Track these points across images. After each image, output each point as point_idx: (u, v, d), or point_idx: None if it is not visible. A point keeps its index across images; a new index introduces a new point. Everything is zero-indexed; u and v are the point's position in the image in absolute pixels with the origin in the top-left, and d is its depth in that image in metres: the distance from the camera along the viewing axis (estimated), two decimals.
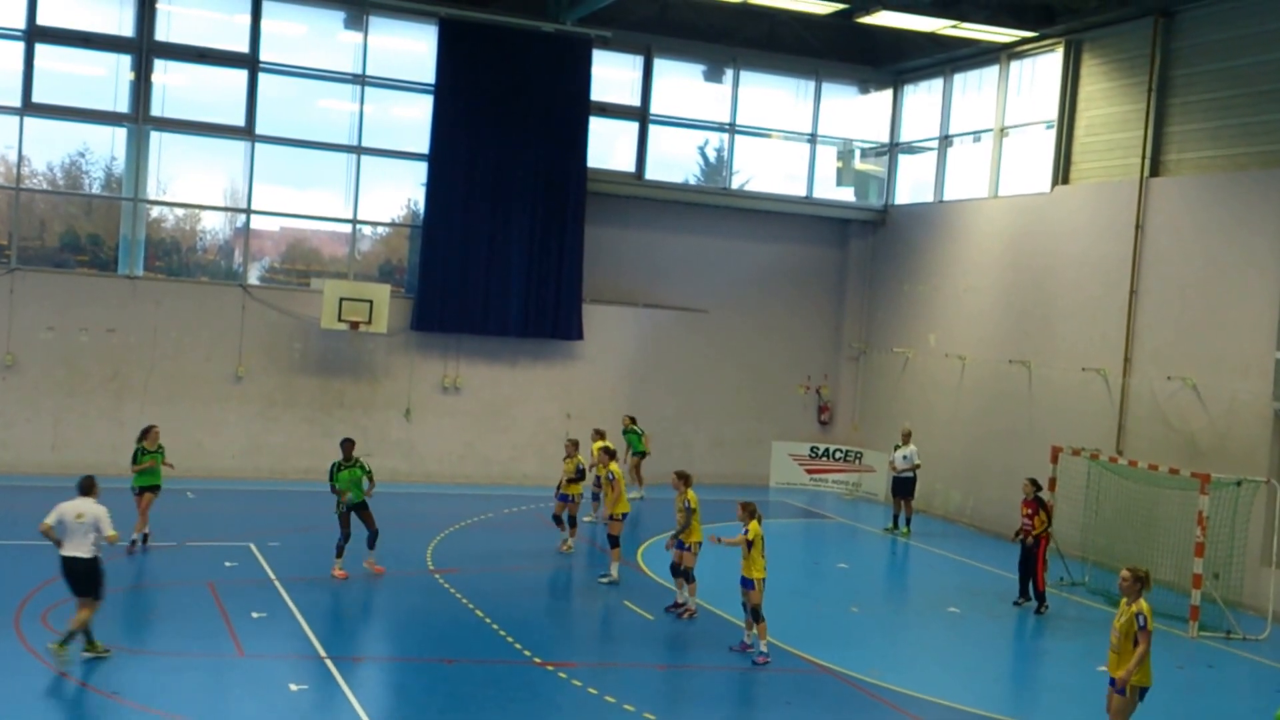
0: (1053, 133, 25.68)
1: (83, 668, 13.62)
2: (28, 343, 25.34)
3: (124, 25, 26.15)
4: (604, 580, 19.09)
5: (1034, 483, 19.73)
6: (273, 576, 18.29)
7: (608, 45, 28.94)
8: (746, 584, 15.48)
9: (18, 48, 25.42)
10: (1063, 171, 25.46)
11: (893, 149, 31.48)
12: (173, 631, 15.30)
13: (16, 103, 25.42)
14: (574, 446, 21.59)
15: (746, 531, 15.42)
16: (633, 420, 27.46)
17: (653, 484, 26.52)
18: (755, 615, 15.52)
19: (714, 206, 30.52)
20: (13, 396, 25.24)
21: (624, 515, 19.49)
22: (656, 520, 23.88)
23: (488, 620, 16.66)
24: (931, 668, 16.34)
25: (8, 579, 16.83)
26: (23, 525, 16.84)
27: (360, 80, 27.65)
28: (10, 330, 25.18)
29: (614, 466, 20.06)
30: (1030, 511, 19.45)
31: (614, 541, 19.34)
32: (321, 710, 13.07)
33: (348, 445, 18.84)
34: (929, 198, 29.97)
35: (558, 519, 21.47)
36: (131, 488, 19.35)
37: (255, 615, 16.21)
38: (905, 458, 25.49)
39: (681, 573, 17.46)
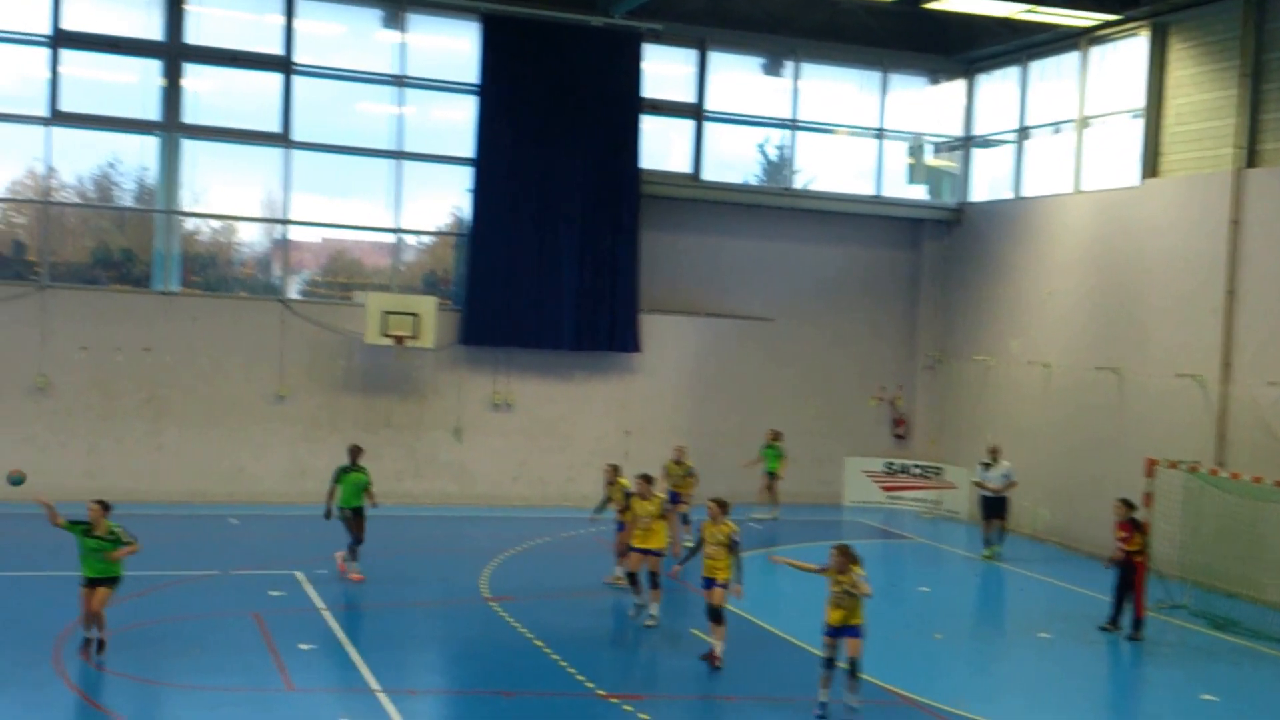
0: (1139, 123, 25.47)
1: (128, 704, 13.78)
2: (60, 364, 25.72)
3: (152, 28, 26.49)
4: (649, 624, 18.16)
5: (1126, 503, 19.46)
6: (321, 605, 18.45)
7: (659, 39, 28.99)
8: (849, 632, 14.58)
9: (43, 54, 25.80)
10: (1151, 163, 25.24)
11: (966, 143, 31.33)
12: (218, 665, 15.41)
13: (44, 112, 25.80)
14: (614, 472, 20.76)
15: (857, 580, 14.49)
16: (776, 435, 27.46)
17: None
18: (854, 669, 14.67)
19: (776, 208, 30.48)
20: (46, 420, 25.63)
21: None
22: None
23: (547, 650, 16.68)
24: (1021, 698, 16.21)
25: (44, 610, 17.05)
26: (59, 555, 17.07)
27: (400, 82, 27.87)
28: (42, 351, 25.59)
29: (661, 495, 19.06)
30: (1126, 534, 19.20)
31: (654, 580, 18.35)
32: None
33: (355, 451, 20.43)
34: (1007, 194, 29.80)
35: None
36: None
37: (304, 647, 16.34)
38: (1004, 475, 25.17)
39: (716, 615, 16.31)
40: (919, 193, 31.91)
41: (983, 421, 29.13)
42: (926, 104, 31.67)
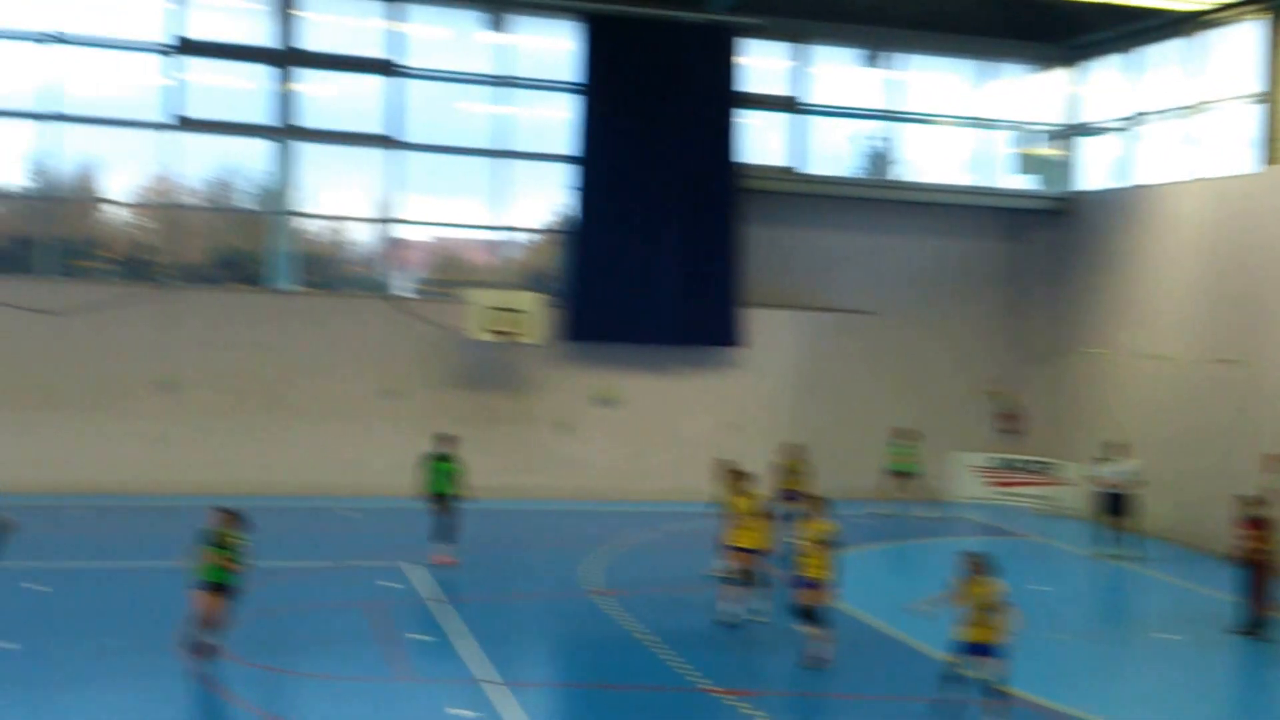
0: (1256, 108, 24.87)
1: (246, 690, 14.09)
2: (183, 362, 26.43)
3: (268, 36, 27.13)
4: (759, 618, 17.99)
5: (1246, 499, 19.00)
6: (429, 597, 18.72)
7: (758, 33, 28.93)
8: (986, 651, 13.56)
9: (166, 62, 26.55)
10: (1273, 149, 24.57)
11: (1073, 132, 30.81)
12: (331, 654, 15.75)
13: (167, 118, 26.58)
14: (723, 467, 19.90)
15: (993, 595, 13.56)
16: (907, 433, 27.51)
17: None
18: (990, 693, 13.66)
19: (877, 200, 30.28)
20: (170, 416, 26.32)
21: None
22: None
23: (654, 644, 16.74)
24: (1145, 700, 15.90)
25: (175, 600, 17.45)
26: (186, 547, 17.45)
27: (503, 82, 28.14)
28: (166, 349, 26.33)
29: (758, 492, 18.65)
30: (1247, 531, 18.70)
31: (749, 578, 18.03)
32: None
33: (447, 440, 21.02)
34: (1116, 183, 29.25)
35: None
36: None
37: (414, 638, 16.60)
38: (1127, 473, 24.58)
39: (809, 615, 16.02)
40: (1024, 183, 31.45)
41: (1094, 416, 28.61)
42: (1031, 92, 31.22)
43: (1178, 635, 18.89)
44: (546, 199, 29.30)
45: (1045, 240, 30.99)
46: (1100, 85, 30.15)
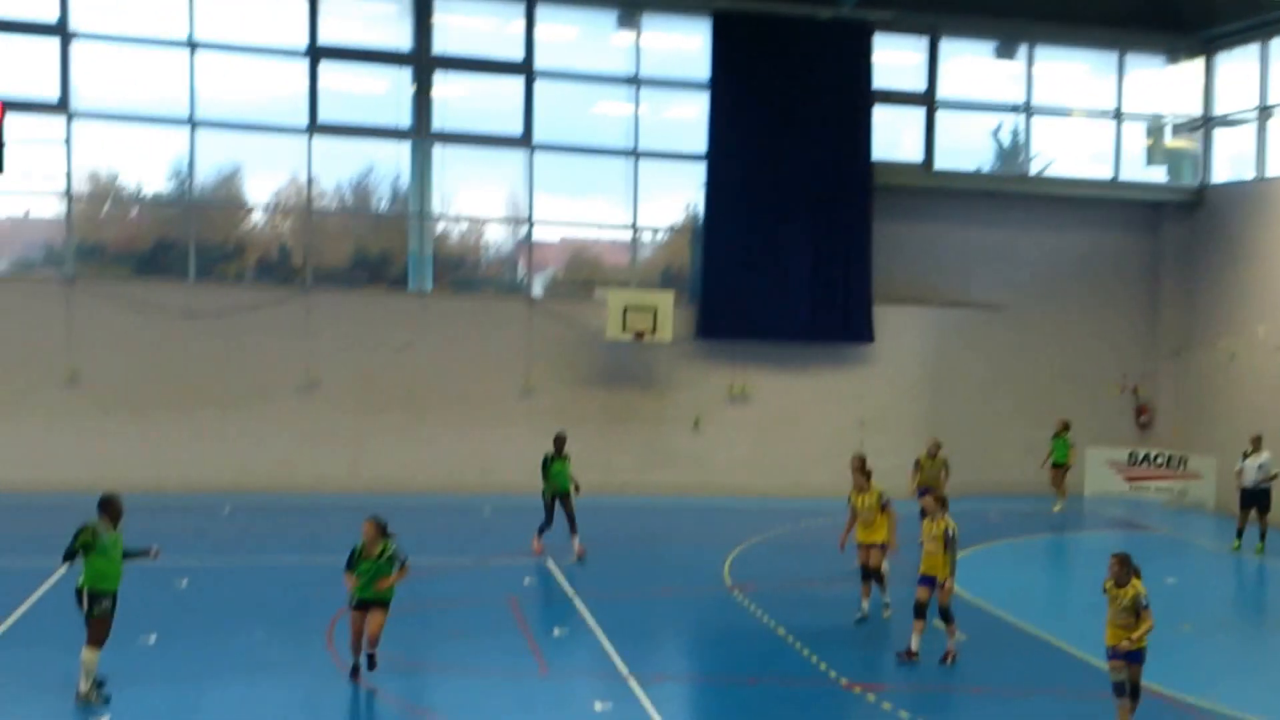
0: None
1: (395, 683, 14.51)
2: (326, 363, 27.06)
3: (402, 39, 27.61)
4: (858, 616, 17.98)
5: None
6: (572, 592, 19.09)
7: (889, 28, 28.84)
8: (1131, 657, 13.20)
9: (302, 67, 27.07)
10: None
11: (1206, 123, 30.23)
12: (478, 648, 16.11)
13: (305, 122, 27.16)
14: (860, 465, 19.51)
15: (1140, 598, 13.06)
16: (1066, 426, 27.38)
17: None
18: (1130, 690, 13.28)
19: (1010, 195, 30.05)
20: (313, 416, 27.00)
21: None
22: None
23: (790, 638, 16.93)
24: (1267, 689, 15.70)
25: (319, 595, 18.10)
26: (329, 543, 18.04)
27: (635, 82, 28.40)
28: (309, 349, 26.99)
29: (880, 488, 18.36)
30: None
31: (877, 574, 18.11)
32: None
33: (560, 440, 21.60)
34: (1250, 174, 28.65)
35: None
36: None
37: (556, 632, 16.98)
38: (1261, 467, 24.16)
39: (940, 614, 15.99)
40: (1158, 175, 30.95)
41: (1228, 409, 28.11)
42: (1164, 84, 30.70)
43: None
44: (679, 197, 29.56)
45: (1178, 233, 30.49)
46: (1233, 76, 29.52)
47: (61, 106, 25.99)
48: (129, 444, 26.02)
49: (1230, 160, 29.90)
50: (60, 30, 25.96)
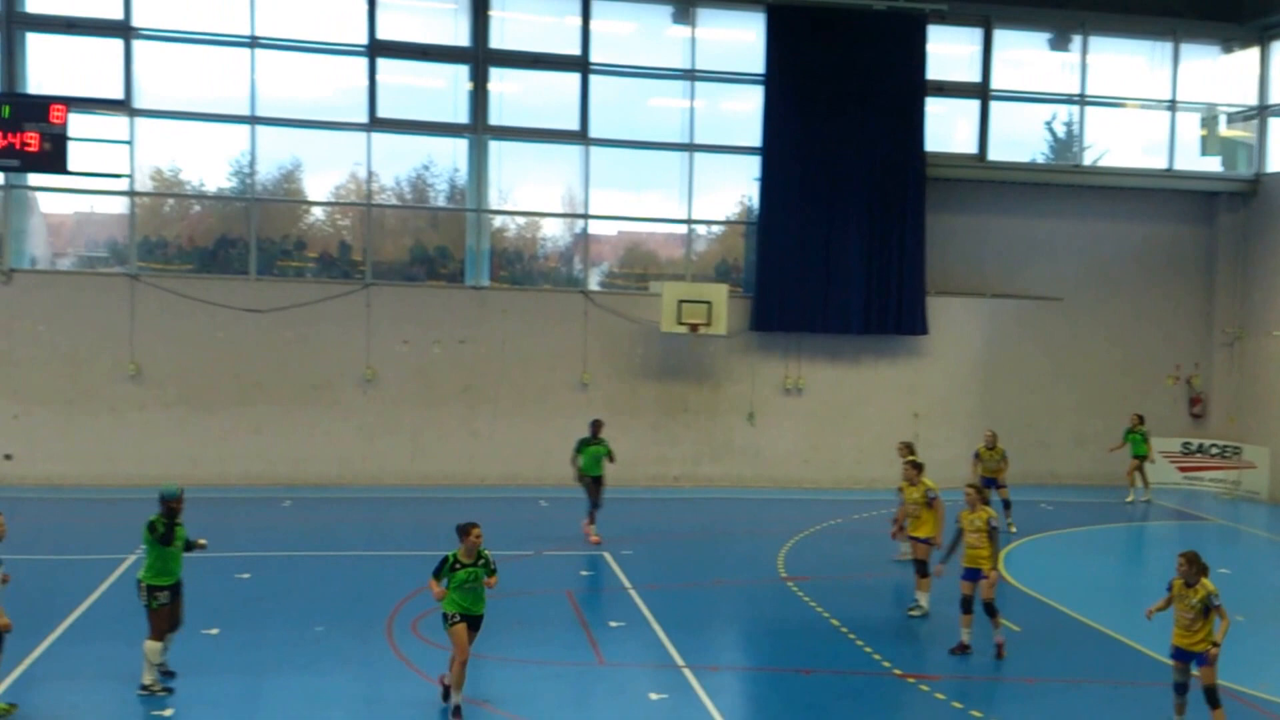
0: None
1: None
2: (385, 356, 27.35)
3: (459, 35, 27.79)
4: (914, 613, 17.96)
5: None
6: (627, 584, 19.24)
7: (943, 20, 28.74)
8: (1200, 660, 12.91)
9: (361, 64, 27.30)
10: None
11: (1262, 112, 29.92)
12: (536, 640, 16.29)
13: (363, 119, 27.39)
14: (908, 451, 20.13)
15: (1212, 597, 12.82)
16: (1140, 420, 27.37)
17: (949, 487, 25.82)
18: (1210, 699, 12.88)
19: (1064, 186, 29.89)
20: (374, 409, 27.31)
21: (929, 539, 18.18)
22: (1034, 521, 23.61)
23: (844, 630, 17.03)
24: None
25: (380, 587, 18.37)
26: (393, 535, 18.27)
27: (690, 76, 28.44)
28: (369, 345, 27.26)
29: (929, 482, 18.47)
30: None
31: (922, 569, 18.11)
32: (682, 719, 13.67)
33: (596, 425, 22.53)
34: None
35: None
36: None
37: (613, 624, 17.11)
38: None
39: (984, 609, 15.84)
40: (1213, 165, 30.71)
41: None
42: (1220, 73, 30.44)
43: None
44: (733, 191, 29.59)
45: (1233, 223, 30.27)
46: None
47: (125, 104, 26.39)
48: (191, 438, 26.49)
49: None
50: (123, 29, 26.37)
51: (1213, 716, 12.90)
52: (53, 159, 23.45)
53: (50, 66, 26.53)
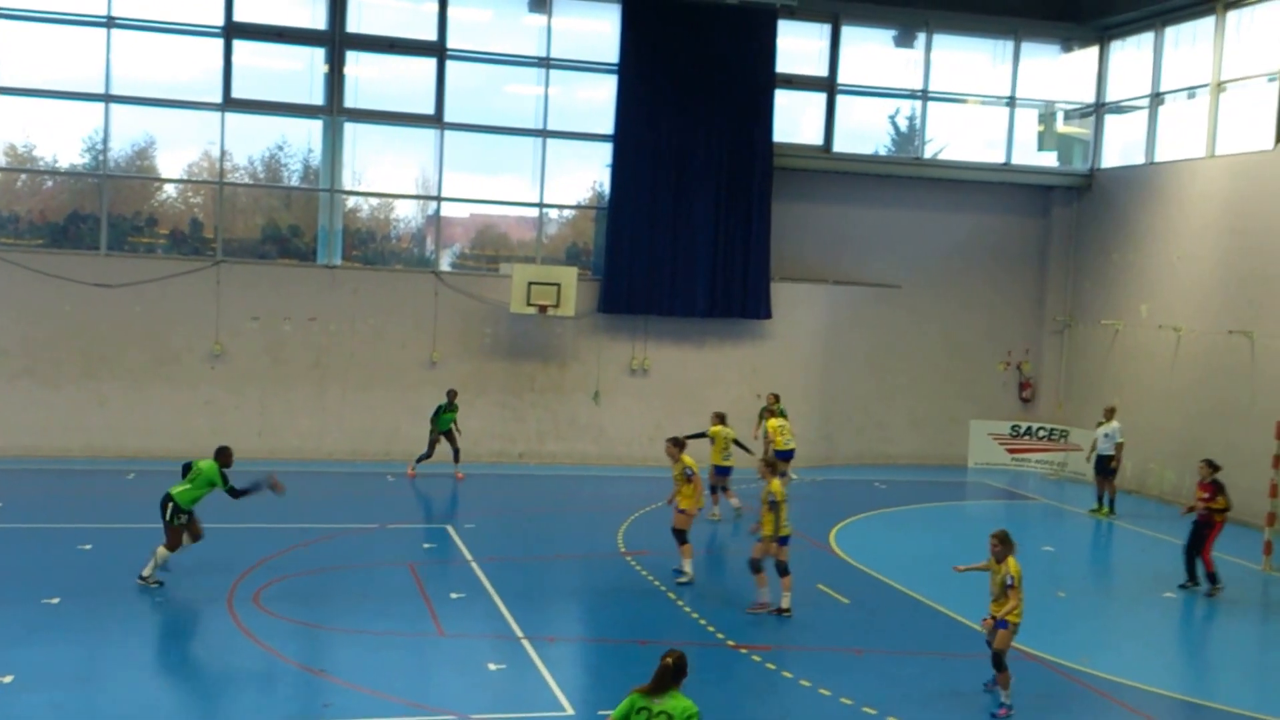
0: (1275, 86, 24.81)
1: (293, 646, 14.56)
2: (234, 332, 26.86)
3: (317, 18, 27.40)
4: (682, 580, 18.23)
5: (1210, 464, 19.32)
6: (469, 557, 19.15)
7: (794, 15, 29.03)
8: (1001, 624, 13.38)
9: (217, 45, 26.81)
10: None
11: (1098, 110, 30.81)
12: (377, 611, 16.14)
13: (217, 98, 26.88)
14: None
15: (1009, 577, 13.32)
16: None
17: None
18: (997, 663, 13.43)
19: (906, 177, 30.41)
20: (221, 384, 26.82)
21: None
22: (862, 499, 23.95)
23: (679, 602, 17.17)
24: (1142, 654, 16.20)
25: (224, 560, 18.00)
26: (237, 507, 17.91)
27: (545, 64, 28.36)
28: (218, 320, 26.74)
29: (687, 460, 18.72)
30: (1208, 494, 19.04)
31: (681, 537, 18.48)
32: (519, 689, 13.66)
33: (452, 394, 25.39)
34: (1139, 160, 29.25)
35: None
36: None
37: (454, 596, 17.02)
38: (1107, 435, 25.02)
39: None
40: (1049, 160, 31.53)
41: (1110, 385, 28.78)
42: (1058, 72, 31.20)
43: (1173, 592, 19.15)
44: (585, 176, 29.62)
45: (1069, 215, 31.11)
46: (1126, 64, 30.07)
47: None
48: (36, 411, 25.90)
49: (1122, 146, 30.43)
50: None
51: (997, 679, 13.50)
52: None
53: None
